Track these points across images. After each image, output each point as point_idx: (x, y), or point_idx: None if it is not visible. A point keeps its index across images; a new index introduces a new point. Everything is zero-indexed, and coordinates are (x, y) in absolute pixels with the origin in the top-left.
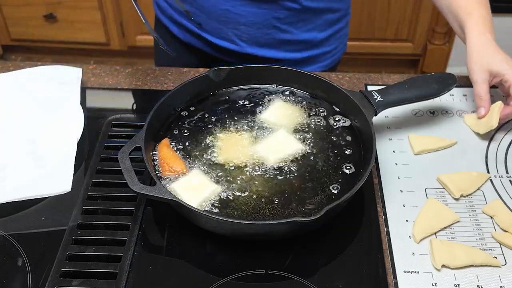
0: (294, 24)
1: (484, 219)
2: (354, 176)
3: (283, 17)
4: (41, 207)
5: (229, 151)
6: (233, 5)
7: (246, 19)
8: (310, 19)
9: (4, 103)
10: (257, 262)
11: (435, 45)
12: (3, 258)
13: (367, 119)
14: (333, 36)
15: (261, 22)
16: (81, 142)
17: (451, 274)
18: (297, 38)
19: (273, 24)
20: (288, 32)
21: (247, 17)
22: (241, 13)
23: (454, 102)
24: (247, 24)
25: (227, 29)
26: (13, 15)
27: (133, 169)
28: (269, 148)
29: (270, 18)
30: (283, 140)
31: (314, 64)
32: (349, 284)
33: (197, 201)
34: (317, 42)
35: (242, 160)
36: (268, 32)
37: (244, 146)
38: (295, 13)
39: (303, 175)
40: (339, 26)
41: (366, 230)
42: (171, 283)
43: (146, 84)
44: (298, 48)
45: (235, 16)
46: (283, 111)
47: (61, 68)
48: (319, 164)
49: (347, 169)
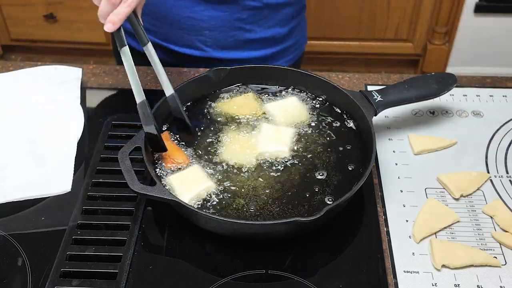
0: (257, 22)
1: (484, 219)
2: (354, 176)
3: (245, 17)
4: (41, 207)
5: (230, 148)
6: (194, 11)
7: (209, 24)
8: (271, 16)
9: (4, 103)
10: (257, 262)
11: (435, 45)
12: (3, 258)
13: (367, 119)
14: (294, 29)
15: (224, 25)
16: (81, 142)
17: (451, 274)
18: (261, 36)
19: (236, 25)
20: (251, 31)
21: (210, 21)
22: (203, 19)
23: (454, 102)
24: (211, 29)
25: (191, 36)
26: (13, 15)
27: (133, 169)
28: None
29: (233, 19)
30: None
31: (280, 59)
32: (349, 284)
33: (190, 195)
34: (280, 38)
35: (243, 157)
36: (233, 34)
37: (245, 144)
38: (257, 12)
39: (302, 175)
40: (298, 18)
41: (366, 230)
42: (171, 283)
43: (146, 84)
44: (262, 45)
45: (198, 22)
46: (285, 108)
47: (61, 68)
48: (318, 163)
49: (347, 169)
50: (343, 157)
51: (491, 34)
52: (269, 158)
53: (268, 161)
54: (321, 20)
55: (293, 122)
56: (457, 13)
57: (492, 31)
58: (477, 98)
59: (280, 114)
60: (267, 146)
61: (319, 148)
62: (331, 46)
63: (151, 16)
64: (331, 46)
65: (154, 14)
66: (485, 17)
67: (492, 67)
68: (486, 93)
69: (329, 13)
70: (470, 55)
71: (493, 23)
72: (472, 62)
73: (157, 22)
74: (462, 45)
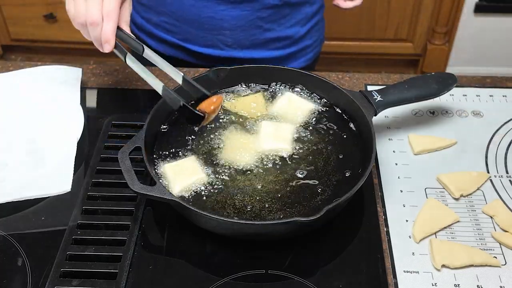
0: (277, 21)
1: (484, 219)
2: (354, 176)
3: (266, 16)
4: (41, 207)
5: (231, 146)
6: (215, 11)
7: (230, 24)
8: (291, 14)
9: (4, 103)
10: (257, 262)
11: (435, 45)
12: (3, 258)
13: (367, 119)
14: (313, 28)
15: (245, 24)
16: (81, 142)
17: (451, 274)
18: (281, 35)
19: (257, 24)
20: (271, 30)
21: (231, 21)
22: (224, 18)
23: (454, 102)
24: (232, 28)
25: (212, 36)
26: (13, 15)
27: (133, 169)
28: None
29: (253, 18)
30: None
31: (298, 59)
32: (349, 284)
33: (181, 186)
34: (299, 37)
35: (243, 155)
36: (253, 33)
37: (247, 141)
38: (277, 10)
39: (302, 174)
40: (317, 18)
41: (366, 230)
42: (171, 283)
43: (146, 84)
44: (282, 45)
45: (218, 22)
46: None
47: (61, 68)
48: (318, 163)
49: (347, 169)
50: (343, 157)
51: (491, 34)
52: (270, 155)
53: (268, 159)
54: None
55: (296, 122)
56: (457, 13)
57: (492, 31)
58: (477, 98)
59: (283, 113)
60: (268, 143)
61: (319, 148)
62: (331, 46)
63: (171, 16)
64: (331, 46)
65: (173, 14)
66: (485, 17)
67: (492, 67)
68: (486, 93)
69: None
70: (470, 55)
71: (493, 23)
72: (472, 62)
73: (177, 22)
74: (462, 45)
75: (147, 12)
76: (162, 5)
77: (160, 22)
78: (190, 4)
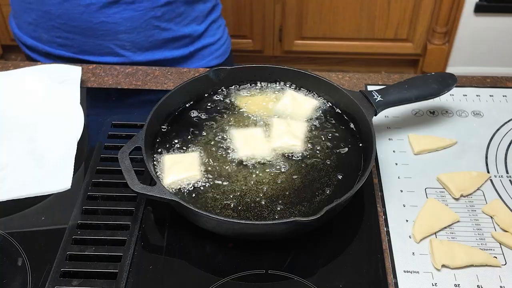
0: (173, 20)
1: (484, 219)
2: (354, 176)
3: (160, 15)
4: (41, 207)
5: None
6: (107, 15)
7: (125, 26)
8: (186, 12)
9: (4, 103)
10: (257, 262)
11: (435, 45)
12: (3, 258)
13: (367, 119)
14: (211, 26)
15: (140, 25)
16: (81, 142)
17: (451, 274)
18: (179, 34)
19: (153, 24)
20: (169, 30)
21: (125, 23)
22: (118, 21)
23: (454, 102)
24: (127, 31)
25: (108, 43)
26: None
27: (133, 169)
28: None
29: (148, 18)
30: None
31: (206, 57)
32: (349, 284)
33: (173, 178)
34: (198, 35)
35: (257, 152)
36: (150, 33)
37: (256, 139)
38: (171, 8)
39: (302, 174)
40: (214, 15)
41: (366, 230)
42: (171, 283)
43: (146, 84)
44: (181, 44)
45: (113, 26)
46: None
47: (61, 67)
48: (318, 163)
49: (347, 168)
50: (343, 157)
51: (491, 34)
52: (283, 152)
53: (271, 158)
54: (321, 20)
55: (301, 120)
56: (457, 13)
57: (492, 31)
58: (477, 98)
59: (288, 111)
60: (280, 140)
61: (318, 148)
62: (331, 46)
63: (62, 29)
64: (331, 46)
65: (64, 27)
66: (485, 17)
67: (492, 67)
68: (486, 93)
69: (329, 13)
70: (470, 55)
71: (493, 23)
72: (472, 62)
73: (69, 35)
74: (462, 45)
75: (36, 31)
76: (50, 20)
77: (52, 38)
78: (80, 12)
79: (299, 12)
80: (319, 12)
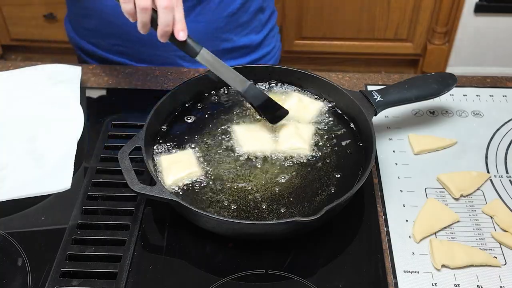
0: (233, 30)
1: (484, 219)
2: (354, 176)
3: (222, 26)
4: (41, 207)
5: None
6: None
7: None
8: (247, 23)
9: (4, 103)
10: (257, 262)
11: (435, 45)
12: (3, 258)
13: (367, 119)
14: (268, 35)
15: (202, 36)
16: (81, 142)
17: (451, 274)
18: (238, 45)
19: (214, 35)
20: (229, 40)
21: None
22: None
23: (454, 102)
24: None
25: (168, 53)
26: (13, 15)
27: (133, 169)
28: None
29: (211, 30)
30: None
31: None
32: (349, 284)
33: (174, 177)
34: (256, 45)
35: (261, 148)
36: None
37: (255, 140)
38: (234, 19)
39: (302, 174)
40: (271, 24)
41: (366, 230)
42: (171, 283)
43: (146, 84)
44: (239, 54)
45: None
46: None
47: (61, 67)
48: (318, 163)
49: (347, 169)
50: (342, 157)
51: (491, 34)
52: (289, 155)
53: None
54: (321, 20)
55: (306, 122)
56: (457, 13)
57: (492, 31)
58: (477, 98)
59: (293, 113)
60: (288, 142)
61: (318, 148)
62: (331, 46)
63: (121, 38)
64: (331, 46)
65: (124, 36)
66: (485, 17)
67: (492, 67)
68: (486, 93)
69: (329, 13)
70: (470, 55)
71: (493, 23)
72: (472, 62)
73: (129, 43)
74: (462, 45)
75: (95, 37)
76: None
77: (111, 45)
78: None
79: (299, 12)
80: (319, 12)
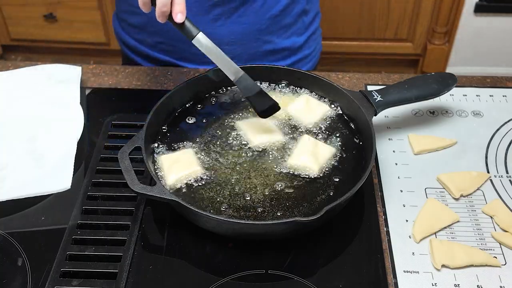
0: (275, 32)
1: (484, 219)
2: (354, 176)
3: (265, 28)
4: (41, 207)
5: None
6: (214, 27)
7: (229, 38)
8: (290, 25)
9: (4, 103)
10: (257, 262)
11: (435, 45)
12: (3, 258)
13: (367, 119)
14: (310, 38)
15: (244, 37)
16: (81, 142)
17: (451, 274)
18: (279, 47)
19: (256, 37)
20: (270, 42)
21: (230, 36)
22: (223, 33)
23: (454, 102)
24: (230, 43)
25: None
26: (13, 15)
27: (133, 169)
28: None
29: (253, 31)
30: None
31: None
32: (349, 284)
33: (175, 177)
34: (297, 47)
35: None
36: (251, 46)
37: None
38: (276, 21)
39: (302, 174)
40: (314, 27)
41: (366, 230)
42: (171, 283)
43: (146, 84)
44: (280, 56)
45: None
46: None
47: (61, 67)
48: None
49: (347, 169)
50: (342, 157)
51: (491, 34)
52: (296, 171)
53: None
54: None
55: (310, 123)
56: (457, 13)
57: (492, 31)
58: (477, 98)
59: (299, 114)
60: (298, 159)
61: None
62: (331, 46)
63: (165, 36)
64: (331, 46)
65: (167, 34)
66: (485, 17)
67: (492, 67)
68: (486, 93)
69: (329, 13)
70: (470, 55)
71: (493, 23)
72: (472, 62)
73: (172, 42)
74: (462, 45)
75: (140, 34)
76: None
77: (155, 43)
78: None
79: None
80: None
